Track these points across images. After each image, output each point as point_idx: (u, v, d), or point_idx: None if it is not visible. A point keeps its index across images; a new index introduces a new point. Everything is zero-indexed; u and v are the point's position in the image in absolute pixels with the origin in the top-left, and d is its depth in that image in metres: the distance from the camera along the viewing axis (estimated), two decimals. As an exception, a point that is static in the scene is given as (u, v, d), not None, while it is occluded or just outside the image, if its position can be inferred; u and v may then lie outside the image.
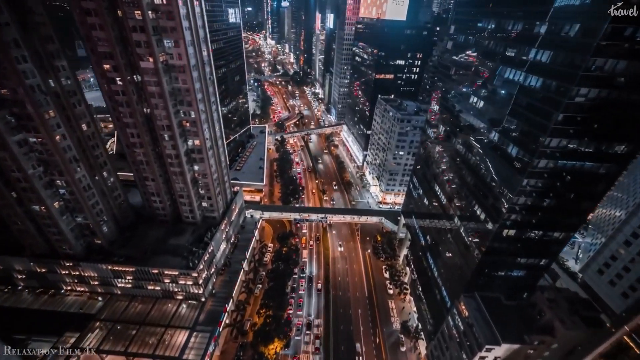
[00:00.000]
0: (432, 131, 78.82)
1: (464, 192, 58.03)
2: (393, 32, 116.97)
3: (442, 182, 69.18)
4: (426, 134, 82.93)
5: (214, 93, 70.96)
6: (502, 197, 45.32)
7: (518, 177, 41.93)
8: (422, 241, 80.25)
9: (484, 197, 50.34)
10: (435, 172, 74.58)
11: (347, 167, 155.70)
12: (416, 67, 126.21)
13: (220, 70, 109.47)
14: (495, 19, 52.65)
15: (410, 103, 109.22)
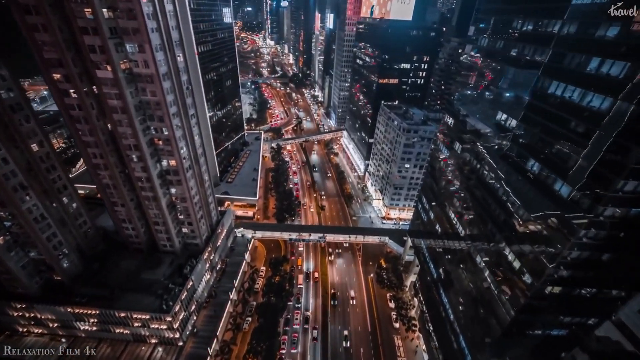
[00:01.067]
0: (445, 147, 68.94)
1: (489, 230, 48.13)
2: (398, 33, 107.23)
3: (461, 213, 59.28)
4: (438, 148, 73.01)
5: (193, 104, 61.15)
6: (546, 248, 35.50)
7: (572, 226, 32.12)
8: (433, 272, 70.43)
9: (519, 243, 40.47)
10: (451, 196, 64.77)
11: (348, 176, 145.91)
12: (423, 71, 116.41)
13: (210, 75, 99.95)
14: (541, 18, 42.80)
15: (417, 111, 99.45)
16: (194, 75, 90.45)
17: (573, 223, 31.83)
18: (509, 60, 47.22)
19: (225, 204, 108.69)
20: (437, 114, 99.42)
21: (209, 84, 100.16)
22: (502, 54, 49.09)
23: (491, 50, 51.73)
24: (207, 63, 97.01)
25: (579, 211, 31.25)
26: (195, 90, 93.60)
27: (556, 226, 34.22)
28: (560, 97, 36.08)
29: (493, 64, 51.92)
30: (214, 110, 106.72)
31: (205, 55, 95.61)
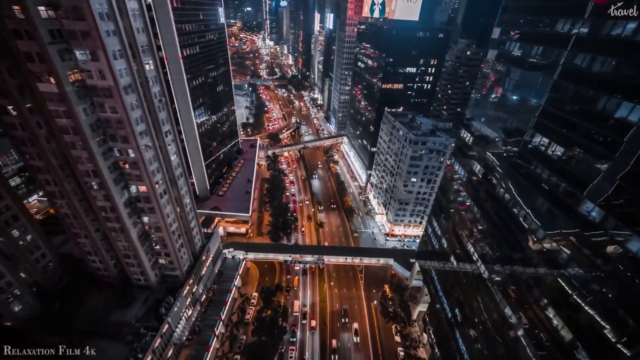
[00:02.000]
0: (460, 165, 60.04)
1: (510, 256, 39.33)
2: (403, 35, 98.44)
3: (478, 237, 50.47)
4: (452, 170, 64.13)
5: (168, 119, 52.38)
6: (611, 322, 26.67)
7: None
8: (445, 305, 61.67)
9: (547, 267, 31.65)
10: (467, 219, 55.99)
11: (349, 186, 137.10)
12: (429, 75, 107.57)
13: (198, 80, 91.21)
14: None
15: (424, 120, 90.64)
16: (178, 81, 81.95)
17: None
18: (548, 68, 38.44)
19: (215, 220, 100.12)
20: (446, 124, 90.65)
21: (197, 90, 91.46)
22: (536, 61, 40.25)
23: (523, 58, 42.74)
24: (194, 67, 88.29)
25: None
26: (181, 99, 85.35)
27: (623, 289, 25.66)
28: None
29: (524, 74, 43.13)
30: (204, 118, 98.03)
31: (193, 59, 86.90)
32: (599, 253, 28.69)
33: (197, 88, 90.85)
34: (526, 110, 42.00)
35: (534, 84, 40.99)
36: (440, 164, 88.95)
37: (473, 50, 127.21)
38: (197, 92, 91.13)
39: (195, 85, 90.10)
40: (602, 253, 28.41)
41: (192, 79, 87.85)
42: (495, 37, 48.20)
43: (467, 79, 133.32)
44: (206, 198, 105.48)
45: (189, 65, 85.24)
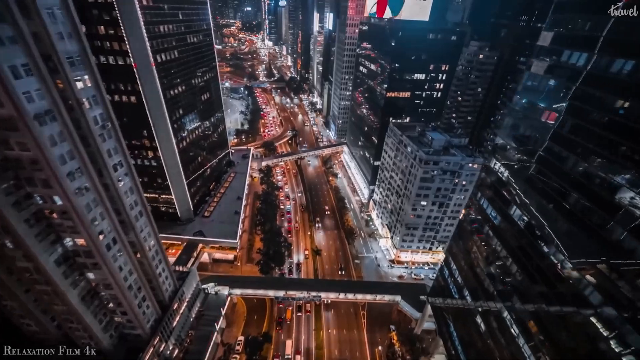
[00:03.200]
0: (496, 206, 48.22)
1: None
2: (411, 37, 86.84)
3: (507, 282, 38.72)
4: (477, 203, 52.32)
5: (118, 149, 40.87)
6: None
7: None
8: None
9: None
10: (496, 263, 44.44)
11: (349, 201, 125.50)
12: (440, 82, 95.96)
13: (177, 89, 79.73)
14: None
15: (436, 135, 78.99)
16: (151, 91, 70.51)
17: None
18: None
19: (198, 247, 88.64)
20: (462, 140, 78.96)
21: (177, 100, 79.99)
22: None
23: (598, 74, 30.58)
24: (172, 75, 76.83)
25: None
26: (155, 111, 73.74)
27: None
28: None
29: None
30: (186, 131, 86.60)
31: (170, 65, 75.43)
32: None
33: (176, 98, 79.37)
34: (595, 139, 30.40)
35: (611, 108, 29.30)
36: (455, 186, 77.39)
37: (486, 53, 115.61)
38: (176, 103, 79.69)
39: (174, 95, 78.62)
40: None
41: (170, 87, 76.39)
42: (545, 44, 36.39)
43: (479, 85, 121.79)
44: (189, 220, 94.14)
45: (165, 72, 73.81)
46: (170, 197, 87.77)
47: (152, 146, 77.84)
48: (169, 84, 75.91)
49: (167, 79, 74.83)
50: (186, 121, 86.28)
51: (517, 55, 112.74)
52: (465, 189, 77.71)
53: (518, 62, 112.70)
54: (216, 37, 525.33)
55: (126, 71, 66.49)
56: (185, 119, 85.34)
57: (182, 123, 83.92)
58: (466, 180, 76.31)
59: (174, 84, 77.91)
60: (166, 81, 74.17)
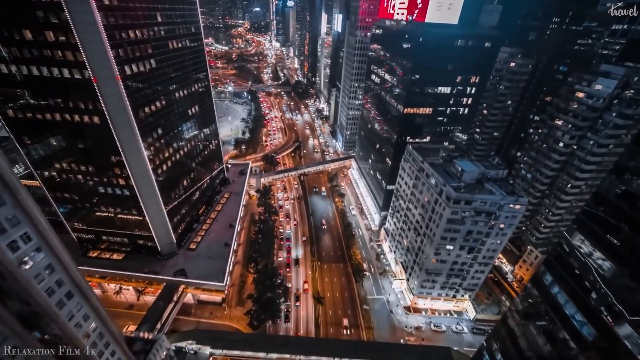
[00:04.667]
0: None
1: None
2: (436, 44, 72.12)
3: None
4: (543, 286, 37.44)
5: (23, 215, 27.61)
6: None
7: None
8: None
9: None
10: None
11: (357, 226, 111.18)
12: (468, 97, 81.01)
13: (156, 105, 66.75)
14: None
15: (468, 166, 64.09)
16: (117, 110, 57.55)
17: None
18: None
19: (180, 288, 75.60)
20: (499, 171, 63.84)
21: (154, 118, 67.01)
22: None
23: None
24: (147, 89, 63.87)
25: None
26: (124, 133, 60.72)
27: None
28: None
29: None
30: (166, 152, 73.61)
31: (144, 78, 62.46)
32: None
33: (152, 115, 66.41)
34: None
35: None
36: (490, 229, 62.41)
37: (519, 61, 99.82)
38: (152, 121, 66.73)
39: (150, 112, 65.66)
40: None
41: (144, 104, 63.44)
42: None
43: (509, 97, 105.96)
44: (172, 254, 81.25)
45: (137, 86, 60.89)
46: (147, 230, 74.98)
47: (123, 174, 65.06)
48: (143, 100, 62.94)
49: (140, 94, 61.86)
50: (167, 141, 73.27)
51: (556, 63, 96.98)
52: (503, 232, 62.73)
53: (557, 71, 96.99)
54: (223, 38, 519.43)
55: (85, 86, 53.73)
56: (165, 139, 72.34)
57: (161, 144, 70.93)
58: (505, 223, 61.31)
59: (149, 100, 64.89)
60: (138, 97, 61.20)
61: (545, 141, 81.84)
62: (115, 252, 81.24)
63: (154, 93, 66.18)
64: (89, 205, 72.82)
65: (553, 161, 79.64)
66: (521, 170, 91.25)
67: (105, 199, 70.79)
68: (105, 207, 72.68)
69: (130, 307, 79.16)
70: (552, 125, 79.81)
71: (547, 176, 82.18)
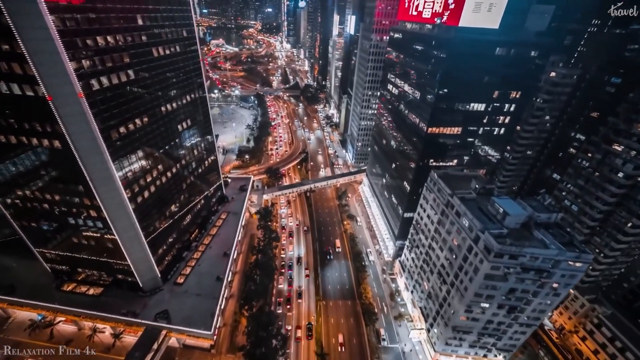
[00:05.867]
0: None
1: None
2: (470, 52, 59.54)
3: None
4: None
5: None
6: None
7: None
8: None
9: None
10: None
11: (369, 253, 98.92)
12: (507, 114, 67.98)
13: (128, 125, 56.48)
14: None
15: (511, 206, 51.13)
16: (81, 133, 47.41)
17: None
18: None
19: (161, 333, 65.21)
20: (553, 215, 50.65)
21: (130, 139, 56.71)
22: None
23: None
24: (122, 105, 53.54)
25: None
26: (91, 159, 50.12)
27: None
28: None
29: None
30: (149, 176, 63.30)
31: (118, 93, 52.22)
32: None
33: (130, 136, 56.14)
34: None
35: None
36: (540, 288, 49.47)
37: (561, 71, 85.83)
38: (130, 143, 56.47)
39: (127, 133, 55.38)
40: None
41: (119, 123, 53.19)
42: None
43: (548, 112, 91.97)
44: (156, 289, 71.13)
45: (110, 104, 50.64)
46: (125, 264, 64.99)
47: (92, 204, 55.05)
48: (117, 119, 52.68)
49: (113, 113, 51.58)
50: (149, 164, 63.03)
51: (606, 74, 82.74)
52: (557, 293, 49.69)
53: (608, 83, 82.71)
54: (234, 39, 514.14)
55: (39, 105, 43.75)
56: (147, 162, 62.10)
57: (141, 168, 60.67)
58: (560, 282, 48.32)
59: (125, 118, 54.58)
60: (110, 115, 50.96)
61: (599, 169, 68.09)
62: (93, 285, 71.72)
63: (131, 109, 55.86)
64: (59, 236, 63.30)
65: (609, 194, 65.92)
66: (564, 200, 77.37)
67: (76, 230, 61.10)
68: (77, 239, 63.00)
69: (108, 350, 69.26)
70: (609, 150, 66.06)
71: (600, 211, 68.37)
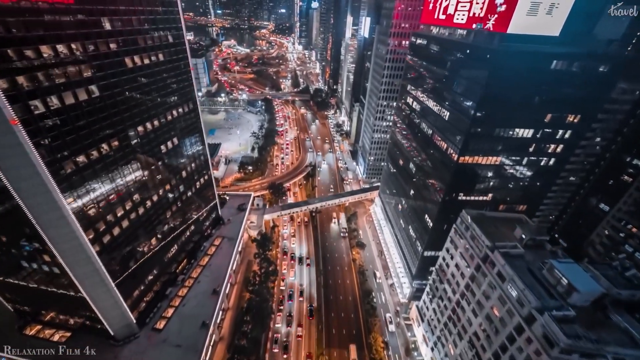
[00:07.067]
0: None
1: None
2: (519, 66, 46.53)
3: None
4: None
5: None
6: None
7: None
8: None
9: None
10: None
11: (380, 290, 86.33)
12: (560, 142, 54.42)
13: (87, 155, 46.40)
14: None
15: (581, 277, 38.01)
16: (19, 168, 37.09)
17: None
18: None
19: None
20: (637, 292, 37.26)
21: (93, 170, 46.59)
22: None
23: None
24: (83, 130, 43.40)
25: None
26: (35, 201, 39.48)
27: None
28: None
29: None
30: (120, 212, 53.09)
31: (77, 115, 42.04)
32: None
33: (90, 169, 45.84)
34: None
35: None
36: (618, 393, 36.10)
37: (620, 85, 71.29)
38: (92, 176, 46.17)
39: (87, 164, 45.07)
40: None
41: (74, 153, 42.90)
42: None
43: (599, 134, 77.54)
44: (130, 336, 60.85)
45: (61, 130, 40.38)
46: (92, 312, 54.91)
47: (45, 249, 45.00)
48: (73, 147, 42.40)
49: (66, 140, 41.30)
50: (121, 195, 52.69)
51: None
52: (642, 400, 36.24)
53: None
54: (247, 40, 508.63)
55: (-40, 135, 33.81)
56: (117, 193, 51.77)
57: (109, 201, 50.40)
58: (650, 389, 34.90)
59: (85, 145, 44.24)
60: (62, 143, 40.70)
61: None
62: (61, 328, 62.10)
63: (95, 134, 45.57)
64: (14, 279, 53.72)
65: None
66: (623, 245, 63.12)
67: (32, 274, 51.47)
68: (35, 284, 53.29)
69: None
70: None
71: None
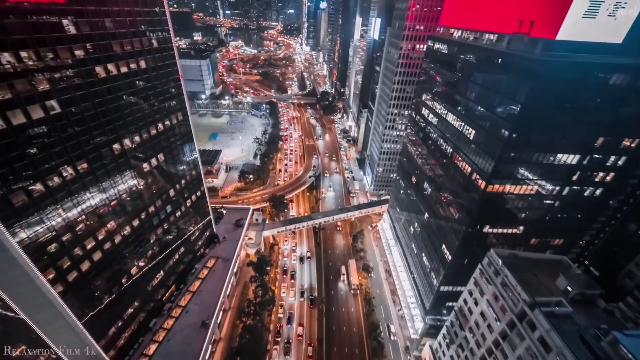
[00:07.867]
0: None
1: None
2: (566, 80, 37.81)
3: None
4: None
5: None
6: None
7: None
8: None
9: None
10: None
11: (388, 319, 77.91)
12: (610, 170, 45.29)
13: (57, 176, 39.58)
14: None
15: None
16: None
17: None
18: None
19: None
20: None
21: (54, 196, 39.75)
22: None
23: None
24: (43, 151, 36.55)
25: None
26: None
27: None
28: None
29: None
30: (90, 244, 46.20)
31: (31, 136, 35.17)
32: None
33: (51, 196, 38.84)
34: None
35: None
36: None
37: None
38: (52, 205, 39.20)
39: (43, 194, 38.07)
40: None
41: (28, 181, 35.91)
42: None
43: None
44: (106, 379, 53.72)
45: (5, 156, 33.41)
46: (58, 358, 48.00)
47: (-6, 295, 38.11)
48: (24, 174, 35.37)
49: (15, 167, 34.27)
50: (91, 223, 45.64)
51: None
52: None
53: None
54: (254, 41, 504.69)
55: None
56: (88, 222, 44.71)
57: (76, 232, 43.35)
58: None
59: (41, 171, 37.15)
60: (9, 171, 33.67)
61: None
62: (29, 366, 55.58)
63: (56, 157, 38.50)
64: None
65: None
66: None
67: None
68: (-7, 324, 46.71)
69: None
70: None
71: None
